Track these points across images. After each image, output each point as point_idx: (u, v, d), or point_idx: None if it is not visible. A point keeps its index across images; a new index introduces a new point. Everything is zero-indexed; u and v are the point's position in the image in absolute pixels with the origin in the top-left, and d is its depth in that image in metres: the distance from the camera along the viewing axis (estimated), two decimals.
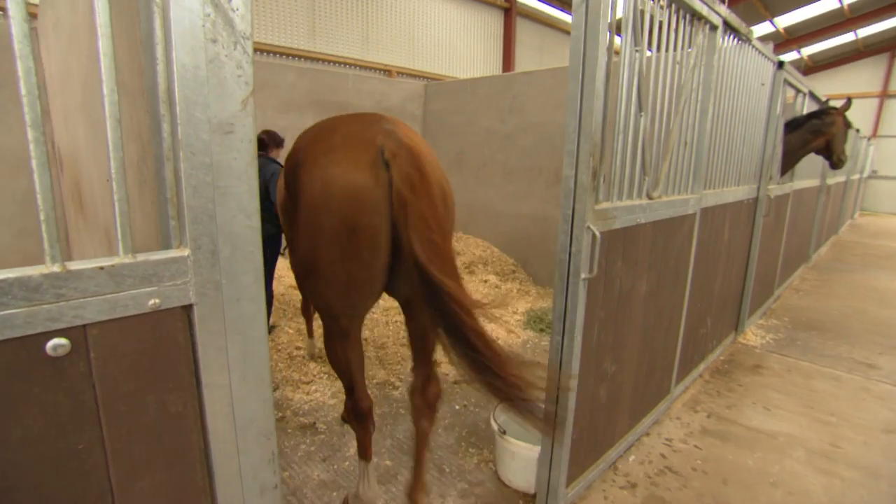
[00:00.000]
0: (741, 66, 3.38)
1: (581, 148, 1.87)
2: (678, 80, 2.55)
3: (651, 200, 2.42)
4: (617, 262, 2.25)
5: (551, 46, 12.70)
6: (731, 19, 2.89)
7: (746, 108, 3.69)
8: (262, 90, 5.92)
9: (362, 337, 4.29)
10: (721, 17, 2.76)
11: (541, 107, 5.99)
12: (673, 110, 2.53)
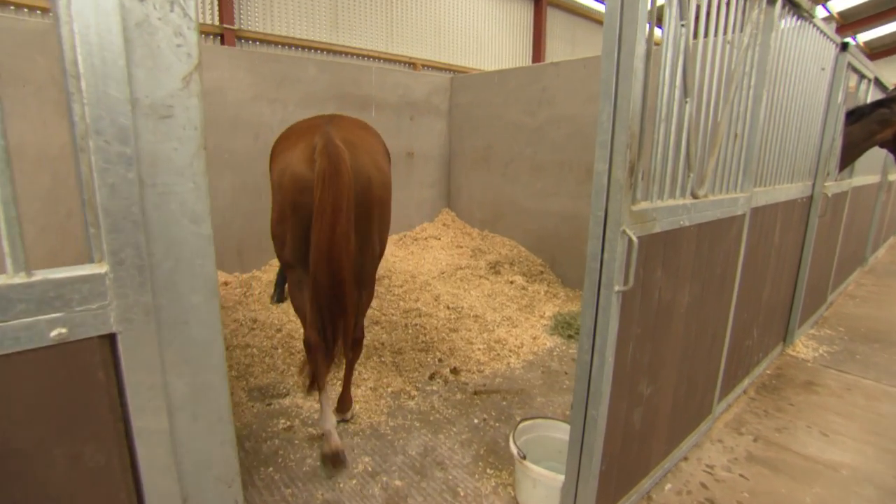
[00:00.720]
0: (800, 47, 3.00)
1: (616, 138, 1.59)
2: (728, 63, 2.22)
3: (696, 200, 2.11)
4: (656, 271, 1.96)
5: (584, 38, 12.23)
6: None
7: (804, 96, 3.30)
8: (282, 85, 5.79)
9: (380, 341, 4.08)
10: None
11: (572, 99, 5.66)
12: (722, 97, 2.20)
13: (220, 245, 5.65)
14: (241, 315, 4.56)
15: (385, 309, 4.82)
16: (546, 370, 3.98)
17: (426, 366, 3.90)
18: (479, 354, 4.12)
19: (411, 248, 6.86)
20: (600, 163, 1.65)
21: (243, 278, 5.50)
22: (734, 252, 2.62)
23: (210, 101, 5.33)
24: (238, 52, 5.61)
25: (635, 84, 1.56)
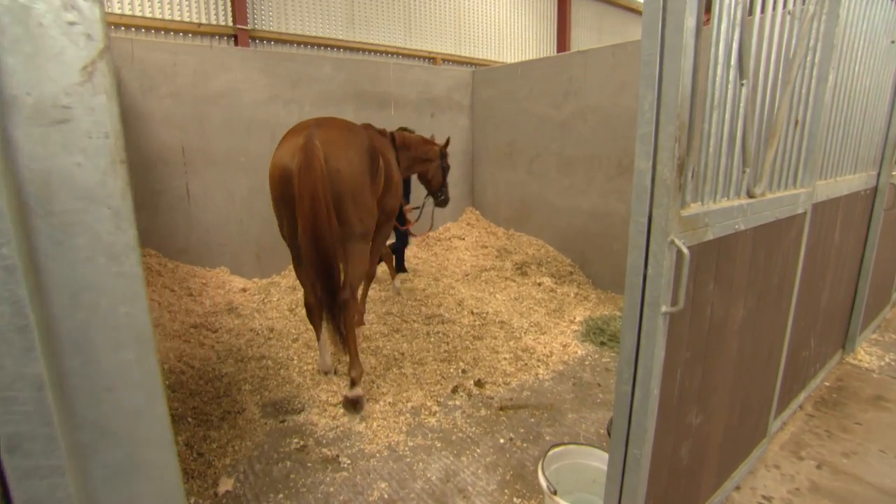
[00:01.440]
0: (869, 17, 2.62)
1: (661, 130, 1.32)
2: (789, 37, 1.90)
3: (752, 200, 1.81)
4: (708, 285, 1.67)
5: (611, 26, 11.73)
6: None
7: (870, 74, 2.91)
8: (298, 85, 5.64)
9: (399, 351, 3.87)
10: None
11: (600, 89, 5.31)
12: (781, 78, 1.88)
13: (238, 250, 5.55)
14: (257, 324, 4.43)
15: (406, 315, 4.62)
16: (577, 382, 3.70)
17: (449, 378, 3.68)
18: (506, 364, 3.86)
19: (434, 248, 6.64)
20: (642, 160, 1.38)
21: (262, 284, 5.39)
22: (793, 256, 2.30)
23: (225, 104, 5.23)
24: (252, 53, 5.49)
25: (685, 63, 1.28)
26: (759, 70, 1.73)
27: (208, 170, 5.28)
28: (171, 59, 4.88)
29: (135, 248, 0.72)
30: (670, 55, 1.27)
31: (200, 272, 5.29)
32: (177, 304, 4.55)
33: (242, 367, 3.74)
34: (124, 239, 0.70)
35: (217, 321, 4.43)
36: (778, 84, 1.86)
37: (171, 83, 4.92)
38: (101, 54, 0.65)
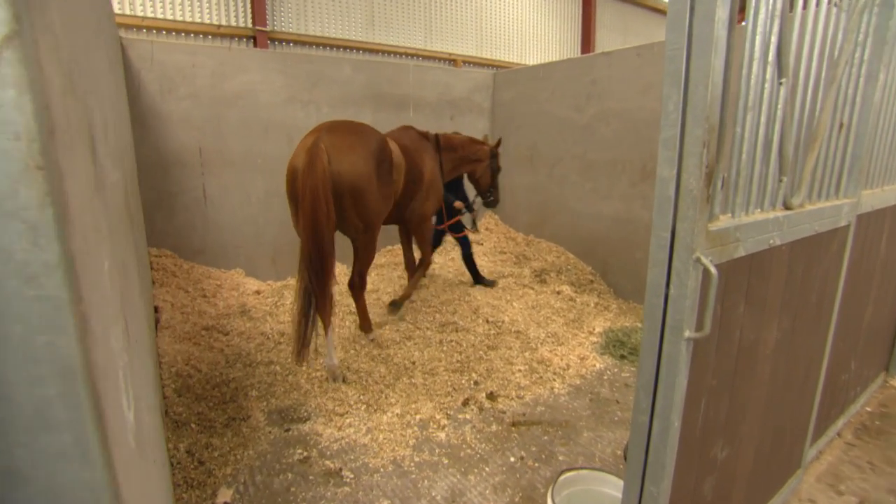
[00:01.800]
0: None
1: (688, 134, 1.17)
2: (835, 32, 1.71)
3: (790, 211, 1.63)
4: (738, 306, 1.50)
5: (636, 28, 11.44)
6: None
7: None
8: (316, 86, 5.60)
9: (411, 359, 3.76)
10: None
11: (624, 91, 5.12)
12: (825, 77, 1.70)
13: (254, 252, 5.53)
14: (268, 327, 4.38)
15: (420, 322, 4.50)
16: (595, 397, 3.53)
17: (460, 389, 3.54)
18: (520, 377, 3.71)
19: (452, 253, 6.52)
20: (665, 167, 1.23)
21: (276, 287, 5.35)
22: (834, 272, 2.10)
23: (242, 105, 5.22)
24: (270, 54, 5.47)
25: (715, 60, 1.13)
26: (800, 67, 1.56)
27: (225, 171, 5.28)
28: (189, 60, 4.89)
29: (58, 267, 0.62)
30: (699, 49, 1.12)
31: (216, 273, 5.29)
32: (190, 306, 4.54)
33: (251, 371, 3.68)
34: (44, 257, 0.60)
35: (229, 324, 4.39)
36: (821, 83, 1.68)
37: (190, 84, 4.93)
38: (7, 41, 0.55)
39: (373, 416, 3.23)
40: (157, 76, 4.74)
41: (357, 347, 4.04)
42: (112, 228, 1.31)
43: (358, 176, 3.39)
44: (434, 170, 4.53)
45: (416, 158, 4.31)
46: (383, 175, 3.64)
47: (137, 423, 1.22)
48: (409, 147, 4.29)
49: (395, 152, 4.00)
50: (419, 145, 4.46)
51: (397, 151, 4.05)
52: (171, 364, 3.45)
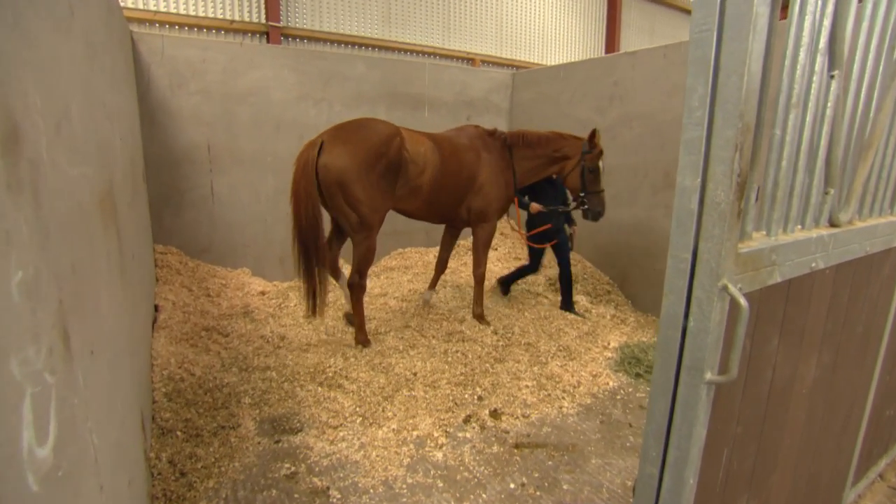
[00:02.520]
0: None
1: (716, 135, 0.95)
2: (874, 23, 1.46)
3: (837, 229, 1.39)
4: (771, 341, 1.27)
5: (663, 29, 11.07)
6: None
7: None
8: (329, 84, 5.47)
9: (412, 370, 3.58)
10: None
11: (648, 94, 4.85)
12: (882, 71, 1.45)
13: (262, 252, 5.43)
14: (269, 330, 4.24)
15: (425, 330, 4.31)
16: (606, 419, 3.29)
17: (462, 405, 3.34)
18: (527, 393, 3.49)
19: (464, 258, 6.32)
20: (687, 174, 1.01)
21: (282, 288, 5.22)
22: (885, 298, 1.83)
23: (253, 102, 5.12)
24: (282, 50, 5.37)
25: (754, 43, 0.91)
26: (855, 59, 1.32)
27: (234, 169, 5.18)
28: (200, 55, 4.81)
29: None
30: (733, 30, 0.91)
31: (221, 272, 5.19)
32: (192, 305, 4.43)
33: (246, 377, 3.54)
34: None
35: (230, 325, 4.27)
36: (877, 79, 1.44)
37: (201, 80, 4.85)
38: None
39: (368, 431, 3.05)
40: (167, 71, 4.67)
41: (357, 355, 3.87)
42: (47, 232, 1.15)
43: (343, 168, 3.50)
44: (495, 170, 4.29)
45: (464, 157, 4.13)
46: (381, 170, 3.61)
47: (60, 456, 1.05)
48: (455, 145, 4.15)
49: (415, 149, 3.86)
50: (475, 143, 4.28)
51: (421, 148, 3.90)
52: (164, 367, 3.33)
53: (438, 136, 4.20)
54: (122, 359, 2.01)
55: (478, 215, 4.29)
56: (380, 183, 3.64)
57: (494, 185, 4.27)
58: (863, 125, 1.43)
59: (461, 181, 4.09)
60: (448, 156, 4.03)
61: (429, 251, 6.29)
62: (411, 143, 3.89)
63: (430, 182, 3.95)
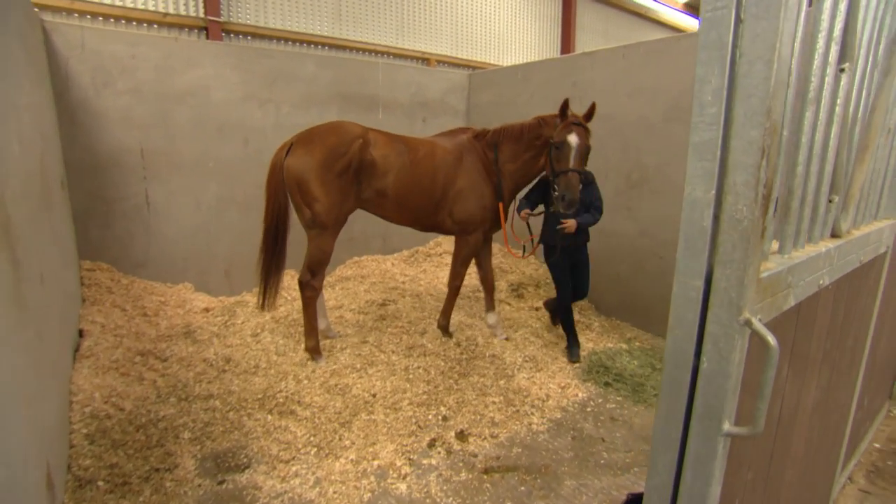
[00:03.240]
0: None
1: (735, 137, 0.77)
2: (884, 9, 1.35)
3: (839, 241, 1.26)
4: (781, 372, 1.11)
5: (617, 32, 11.24)
6: None
7: None
8: (276, 83, 5.12)
9: (371, 391, 3.32)
10: None
11: (608, 94, 4.78)
12: (880, 65, 1.34)
13: (205, 265, 5.01)
14: (212, 352, 3.86)
15: (384, 345, 4.05)
16: (577, 434, 3.13)
17: (426, 427, 3.11)
18: (494, 410, 3.30)
19: (423, 265, 6.09)
20: (697, 184, 0.83)
21: (228, 303, 4.83)
22: (869, 309, 1.74)
23: (192, 103, 4.71)
24: (224, 48, 4.97)
25: (785, 22, 0.73)
26: (859, 53, 1.19)
27: (172, 175, 4.75)
28: (129, 51, 4.36)
29: None
30: (760, 6, 0.73)
31: (160, 289, 4.75)
32: (126, 327, 3.99)
33: (185, 407, 3.17)
34: None
35: (169, 348, 3.87)
36: (874, 75, 1.32)
37: (131, 78, 4.40)
38: None
39: (323, 463, 2.77)
40: (89, 67, 4.20)
41: (310, 376, 3.57)
42: None
43: (301, 167, 3.55)
44: (477, 176, 3.91)
45: (439, 162, 3.85)
46: (339, 169, 3.57)
47: None
48: (432, 149, 3.89)
49: (380, 152, 3.71)
50: (458, 148, 3.96)
51: (387, 151, 3.73)
52: (86, 403, 2.92)
53: (416, 140, 3.98)
54: (12, 409, 1.66)
55: (459, 225, 3.97)
56: (337, 182, 3.58)
57: (475, 193, 3.91)
58: (863, 125, 1.31)
59: (434, 187, 3.82)
60: (419, 160, 3.80)
61: (386, 259, 6.03)
62: (378, 145, 3.73)
63: (395, 185, 3.75)
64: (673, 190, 4.40)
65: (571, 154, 3.53)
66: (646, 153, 4.54)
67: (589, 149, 3.65)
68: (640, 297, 4.73)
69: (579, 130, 3.60)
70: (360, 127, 3.77)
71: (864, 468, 2.80)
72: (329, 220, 3.63)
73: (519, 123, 3.97)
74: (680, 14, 13.05)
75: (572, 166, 3.51)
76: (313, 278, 3.71)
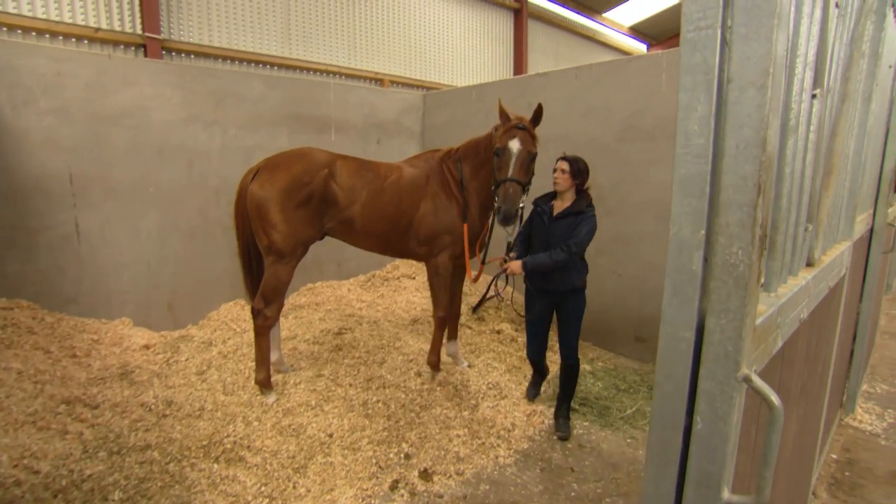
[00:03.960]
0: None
1: (728, 172, 0.68)
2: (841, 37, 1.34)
3: (814, 270, 1.21)
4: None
5: (568, 52, 11.58)
6: None
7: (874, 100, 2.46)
8: (222, 104, 4.87)
9: (328, 431, 3.09)
10: None
11: (562, 115, 4.82)
12: (838, 92, 1.32)
13: (145, 298, 4.64)
14: (152, 395, 3.52)
15: (341, 378, 3.82)
16: (546, 466, 3.02)
17: (387, 468, 2.91)
18: (458, 444, 3.14)
19: (381, 289, 5.90)
20: (684, 224, 0.73)
21: (171, 339, 4.47)
22: (833, 332, 1.73)
23: (128, 124, 4.40)
24: (164, 66, 4.70)
25: (778, 44, 0.65)
26: (828, 79, 1.15)
27: (107, 202, 4.40)
28: (54, 67, 4.03)
29: None
30: (750, 26, 0.64)
31: (93, 326, 4.34)
32: (49, 372, 3.60)
33: (117, 462, 2.84)
34: None
35: (101, 393, 3.50)
36: (834, 101, 1.30)
37: (56, 97, 4.06)
38: None
39: None
40: (6, 84, 3.85)
41: (261, 416, 3.31)
42: None
43: (263, 195, 3.44)
44: (444, 197, 3.67)
45: (405, 187, 3.67)
46: (301, 199, 3.45)
47: None
48: (397, 175, 3.72)
49: (346, 181, 3.57)
50: (425, 171, 3.76)
51: (353, 180, 3.59)
52: None
53: (385, 166, 3.80)
54: None
55: (426, 249, 3.77)
56: (298, 212, 3.45)
57: (441, 215, 3.68)
58: (828, 147, 1.28)
59: (399, 215, 3.65)
60: (385, 188, 3.63)
61: (341, 284, 5.80)
62: (344, 174, 3.58)
63: (361, 215, 3.60)
64: (628, 209, 4.45)
65: (511, 161, 3.24)
66: (600, 173, 4.57)
67: (533, 156, 3.33)
68: (601, 316, 4.72)
69: (522, 135, 3.30)
70: (328, 155, 3.62)
71: (824, 481, 2.82)
72: (286, 249, 3.48)
73: (476, 138, 3.78)
74: (626, 38, 13.63)
75: (511, 175, 3.21)
76: (266, 307, 3.52)
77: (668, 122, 4.09)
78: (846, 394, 3.50)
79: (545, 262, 3.13)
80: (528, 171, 3.33)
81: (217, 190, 4.86)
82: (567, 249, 3.08)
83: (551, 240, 3.21)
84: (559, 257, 3.09)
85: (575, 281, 3.22)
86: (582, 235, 3.09)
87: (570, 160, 3.24)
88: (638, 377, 4.20)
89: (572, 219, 3.17)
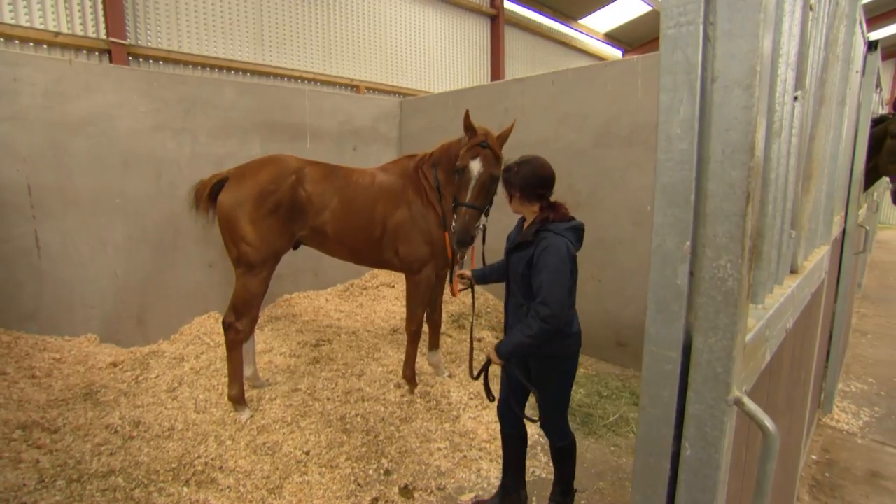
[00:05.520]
0: None
1: (713, 179, 0.63)
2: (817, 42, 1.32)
3: (798, 277, 1.17)
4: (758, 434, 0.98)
5: (544, 58, 11.67)
6: None
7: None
8: (191, 112, 4.72)
9: (304, 449, 2.97)
10: None
11: (539, 121, 4.81)
12: (814, 95, 1.30)
13: (112, 312, 4.44)
14: (118, 416, 3.35)
15: (318, 392, 3.70)
16: (529, 477, 2.95)
17: (366, 485, 2.81)
18: (440, 458, 3.05)
19: (359, 299, 5.79)
20: (668, 235, 0.68)
21: (140, 355, 4.28)
22: (814, 338, 1.71)
23: (92, 133, 4.22)
24: (129, 73, 4.53)
25: (764, 40, 0.60)
26: (809, 80, 1.12)
27: (69, 214, 4.21)
28: (9, 72, 3.85)
29: None
30: (735, 21, 0.60)
31: (55, 343, 4.13)
32: (5, 395, 3.40)
33: (77, 491, 2.67)
34: None
35: (62, 416, 3.32)
36: (811, 104, 1.28)
37: (12, 104, 3.88)
38: None
39: None
40: None
41: (234, 435, 3.17)
42: None
43: (230, 204, 3.36)
44: (420, 207, 3.54)
45: (377, 195, 3.56)
46: (269, 207, 3.35)
47: None
48: (370, 182, 3.61)
49: (315, 188, 3.46)
50: (402, 178, 3.63)
51: (323, 187, 3.48)
52: None
53: (358, 171, 3.68)
54: None
55: (405, 263, 3.61)
56: (268, 221, 3.34)
57: (417, 227, 3.51)
58: (807, 154, 1.26)
59: (371, 224, 3.52)
60: (356, 194, 3.51)
61: (319, 294, 5.67)
62: (314, 181, 3.46)
63: (333, 223, 3.48)
64: (605, 214, 4.44)
65: (471, 185, 2.96)
66: (578, 178, 4.57)
67: (495, 179, 2.98)
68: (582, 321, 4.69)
69: (486, 155, 3.01)
70: (296, 161, 3.52)
71: (805, 483, 2.82)
72: (256, 260, 3.36)
73: (449, 142, 3.61)
74: (601, 44, 13.82)
75: (469, 200, 2.95)
76: (237, 320, 3.40)
77: (645, 126, 4.10)
78: (823, 394, 3.52)
79: (522, 343, 2.14)
80: (488, 194, 3.05)
81: (187, 199, 4.70)
82: (536, 316, 2.08)
83: (511, 277, 2.41)
84: (533, 330, 2.09)
85: (548, 348, 2.23)
86: (544, 286, 2.08)
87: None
88: (620, 383, 4.17)
89: (524, 252, 2.26)
